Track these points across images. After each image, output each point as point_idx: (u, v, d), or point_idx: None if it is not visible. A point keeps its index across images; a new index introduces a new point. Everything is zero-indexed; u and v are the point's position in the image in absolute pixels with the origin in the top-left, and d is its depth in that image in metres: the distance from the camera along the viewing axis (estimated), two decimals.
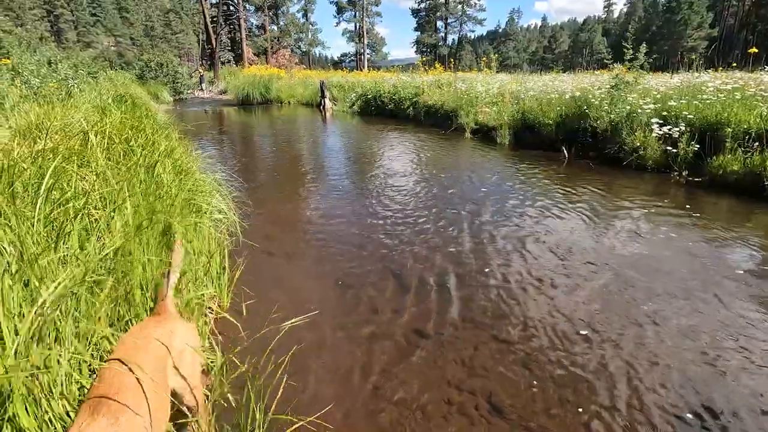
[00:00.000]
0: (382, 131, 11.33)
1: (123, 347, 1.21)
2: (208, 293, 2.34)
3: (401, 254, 3.69)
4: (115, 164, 2.66)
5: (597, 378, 2.22)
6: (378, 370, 2.29)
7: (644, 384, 2.17)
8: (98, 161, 2.49)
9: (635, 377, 2.22)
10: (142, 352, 1.19)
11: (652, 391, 2.12)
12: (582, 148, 7.52)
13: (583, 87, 8.44)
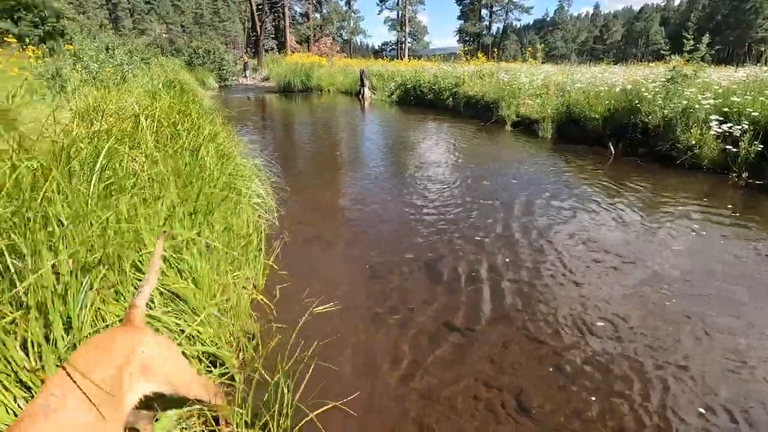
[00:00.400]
0: (420, 121, 11.23)
1: (78, 354, 1.19)
2: (244, 274, 2.42)
3: (433, 244, 3.67)
4: (163, 147, 2.78)
5: (632, 384, 2.12)
6: (405, 360, 2.30)
7: (681, 395, 2.06)
8: (147, 143, 2.61)
9: (672, 384, 2.11)
10: (98, 359, 1.16)
11: (690, 402, 2.01)
12: (630, 145, 7.14)
13: (635, 80, 7.98)
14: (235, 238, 2.50)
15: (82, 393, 1.04)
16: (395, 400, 2.04)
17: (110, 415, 1.09)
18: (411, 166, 6.57)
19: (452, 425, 1.91)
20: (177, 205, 2.05)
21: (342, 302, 2.68)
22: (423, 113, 12.65)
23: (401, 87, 15.57)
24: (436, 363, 2.28)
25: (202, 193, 2.30)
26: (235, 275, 2.24)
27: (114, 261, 1.67)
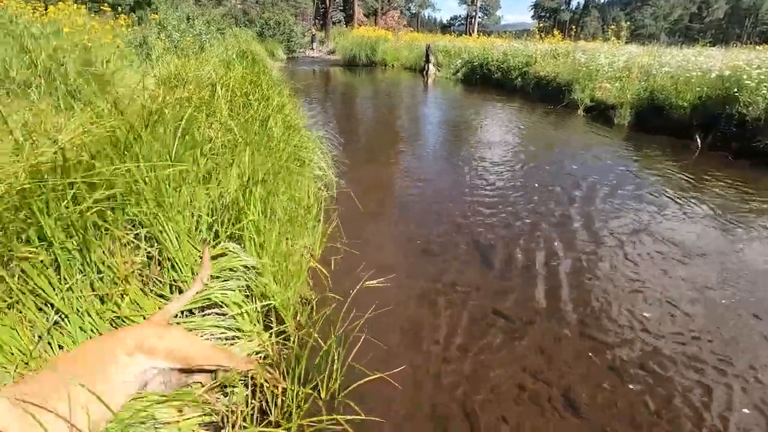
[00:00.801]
0: (485, 101, 10.83)
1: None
2: (303, 243, 2.53)
3: (488, 227, 3.63)
4: (236, 115, 2.93)
5: (691, 389, 1.99)
6: (451, 341, 2.31)
7: (745, 403, 1.90)
8: (222, 111, 2.76)
9: (736, 391, 1.95)
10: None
11: (755, 412, 1.85)
12: (721, 138, 6.42)
13: (736, 65, 7.09)
14: (297, 207, 2.61)
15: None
16: (438, 378, 2.07)
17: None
18: (471, 146, 6.41)
19: (494, 410, 1.91)
20: (248, 173, 2.17)
21: (393, 278, 2.73)
22: (488, 93, 12.17)
23: (467, 64, 15.03)
24: (481, 347, 2.28)
25: (270, 162, 2.40)
26: (295, 242, 2.35)
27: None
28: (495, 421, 1.86)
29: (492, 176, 4.97)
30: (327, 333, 2.04)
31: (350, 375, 1.93)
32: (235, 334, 1.98)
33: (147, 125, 1.98)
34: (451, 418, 1.86)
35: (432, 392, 1.99)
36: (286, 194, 2.45)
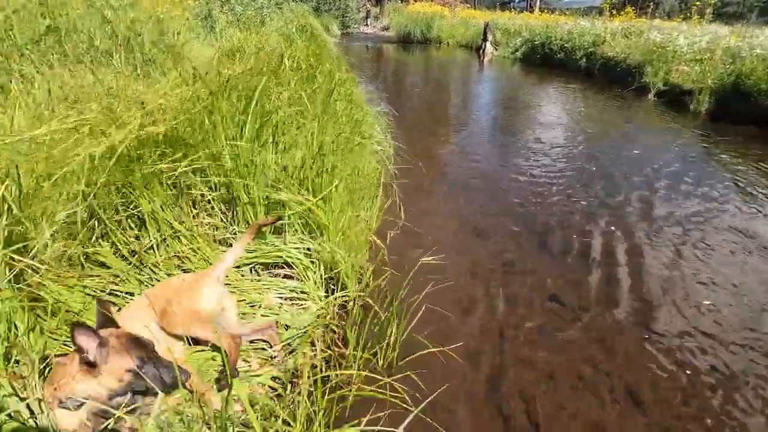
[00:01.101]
0: (545, 83, 10.30)
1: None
2: (363, 215, 2.56)
3: (545, 211, 3.54)
4: (301, 87, 2.97)
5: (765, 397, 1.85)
6: (508, 324, 2.28)
7: None
8: (290, 83, 2.80)
9: None
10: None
11: None
12: None
13: None
14: (359, 180, 2.64)
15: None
16: (494, 358, 2.06)
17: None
18: (528, 128, 6.16)
19: (551, 395, 1.88)
20: (316, 143, 2.21)
21: (448, 255, 2.72)
22: (549, 74, 11.54)
23: (528, 43, 14.28)
24: (538, 332, 2.23)
25: (335, 134, 2.43)
26: (357, 214, 2.39)
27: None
28: (552, 407, 1.83)
29: (548, 158, 4.80)
30: (384, 303, 2.08)
31: (407, 347, 1.96)
32: (299, 296, 2.06)
33: (224, 93, 2.05)
34: (506, 400, 1.85)
35: (488, 372, 1.98)
36: (349, 166, 2.48)
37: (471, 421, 1.76)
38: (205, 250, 1.97)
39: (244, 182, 1.95)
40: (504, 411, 1.81)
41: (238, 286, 2.01)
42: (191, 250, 1.92)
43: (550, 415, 1.80)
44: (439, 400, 1.74)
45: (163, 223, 1.84)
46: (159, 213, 1.83)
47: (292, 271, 2.14)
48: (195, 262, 1.95)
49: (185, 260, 1.94)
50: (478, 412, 1.79)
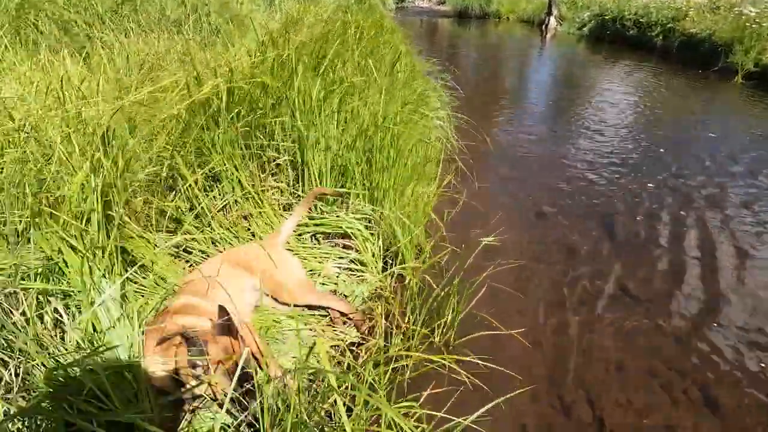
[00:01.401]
0: (614, 62, 9.56)
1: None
2: (422, 191, 2.51)
3: (609, 196, 3.36)
4: (364, 58, 2.91)
5: None
6: (572, 312, 2.18)
7: None
8: (354, 53, 2.76)
9: None
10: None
11: None
12: None
13: None
14: (420, 154, 2.58)
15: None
16: (556, 348, 1.98)
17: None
18: (593, 109, 5.76)
19: (616, 390, 1.78)
20: (381, 114, 2.16)
21: (508, 237, 2.62)
22: (619, 52, 10.69)
23: (596, 18, 13.25)
24: (603, 321, 2.12)
25: (398, 105, 2.37)
26: (417, 188, 2.34)
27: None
28: (618, 403, 1.74)
29: (615, 140, 4.53)
30: (442, 281, 2.04)
31: (465, 326, 1.92)
32: (357, 267, 2.07)
33: (298, 59, 2.05)
34: (568, 390, 1.78)
35: (549, 361, 1.91)
36: (412, 139, 2.42)
37: (530, 407, 1.71)
38: (270, 213, 2.01)
39: (312, 148, 1.95)
40: (565, 401, 1.74)
41: (298, 253, 2.05)
42: (259, 213, 1.96)
43: (615, 409, 1.71)
44: (498, 384, 1.69)
45: (235, 183, 1.89)
46: (233, 173, 1.87)
47: (351, 242, 2.15)
48: (260, 225, 2.00)
49: (252, 222, 1.99)
50: (538, 400, 1.74)
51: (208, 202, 1.83)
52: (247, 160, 1.92)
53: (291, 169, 2.06)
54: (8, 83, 2.23)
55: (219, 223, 1.90)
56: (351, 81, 2.28)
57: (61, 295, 1.27)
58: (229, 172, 1.87)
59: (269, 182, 2.00)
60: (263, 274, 1.68)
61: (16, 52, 2.88)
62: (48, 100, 1.92)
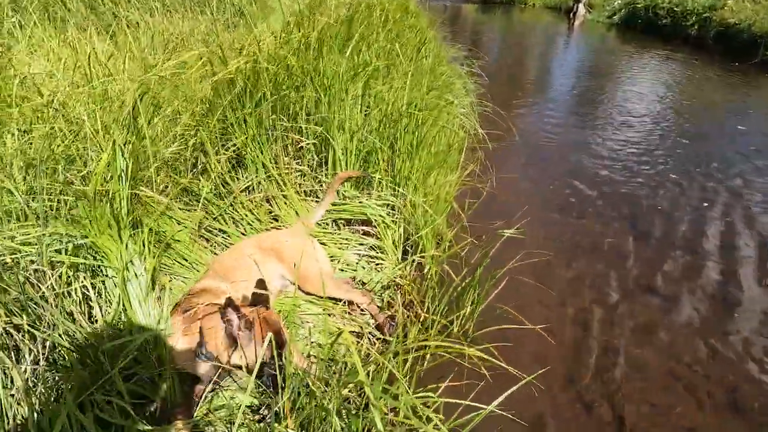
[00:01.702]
0: (645, 52, 9.19)
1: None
2: (444, 180, 2.46)
3: (634, 190, 3.26)
4: (390, 41, 2.85)
5: None
6: (592, 308, 2.13)
7: None
8: (379, 36, 2.70)
9: None
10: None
11: None
12: None
13: None
14: (443, 142, 2.53)
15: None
16: (577, 345, 1.94)
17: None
18: (623, 101, 5.57)
19: (638, 389, 1.74)
20: (405, 99, 2.12)
21: (532, 230, 2.56)
22: (650, 43, 10.27)
23: (628, 6, 12.75)
24: (627, 320, 2.07)
25: (424, 92, 2.32)
26: (439, 177, 2.30)
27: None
28: (639, 401, 1.70)
29: (641, 133, 4.39)
30: (462, 272, 2.00)
31: (485, 318, 1.89)
32: (377, 254, 2.05)
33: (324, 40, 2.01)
34: (589, 388, 1.75)
35: (569, 356, 1.88)
36: (435, 126, 2.37)
37: (549, 403, 1.68)
38: (292, 197, 2.00)
39: (336, 132, 1.92)
40: (585, 397, 1.71)
41: (318, 238, 2.04)
42: (282, 196, 1.96)
43: (637, 410, 1.67)
44: (517, 378, 1.66)
45: (258, 165, 1.88)
46: (257, 155, 1.87)
47: (371, 229, 2.13)
48: (283, 208, 1.99)
49: (274, 205, 1.99)
50: (557, 395, 1.71)
51: (232, 183, 1.83)
52: (271, 142, 1.90)
53: (314, 152, 2.04)
54: (37, 59, 2.25)
55: (242, 204, 1.90)
56: (376, 65, 2.24)
57: (89, 273, 1.28)
58: (253, 154, 1.86)
59: (293, 165, 1.98)
60: (291, 262, 1.69)
61: (44, 28, 2.90)
62: (75, 76, 1.93)
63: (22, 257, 1.11)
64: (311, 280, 1.76)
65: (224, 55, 1.76)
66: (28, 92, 1.90)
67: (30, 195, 1.38)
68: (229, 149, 1.82)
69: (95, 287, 1.27)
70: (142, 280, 1.35)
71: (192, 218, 1.74)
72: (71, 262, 1.17)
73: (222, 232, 1.89)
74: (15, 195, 1.21)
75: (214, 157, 1.76)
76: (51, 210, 1.32)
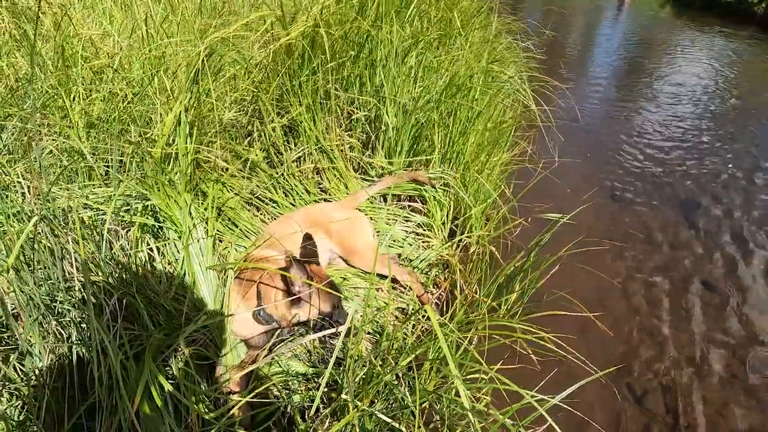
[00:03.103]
0: (704, 30, 8.55)
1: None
2: (496, 159, 2.38)
3: (691, 181, 3.07)
4: (447, 10, 2.71)
5: None
6: (646, 300, 2.05)
7: None
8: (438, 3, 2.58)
9: None
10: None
11: None
12: None
13: None
14: (495, 119, 2.43)
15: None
16: (628, 337, 1.88)
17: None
18: (680, 84, 5.22)
19: (694, 385, 1.68)
20: (461, 72, 2.03)
21: (585, 217, 2.43)
22: (707, 21, 9.52)
23: None
24: (681, 314, 1.99)
25: (479, 65, 2.21)
26: (490, 156, 2.21)
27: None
28: (695, 398, 1.64)
29: (700, 119, 4.11)
30: (510, 254, 1.95)
31: (533, 303, 1.85)
32: (424, 232, 2.02)
33: None
34: (639, 381, 1.69)
35: (622, 347, 1.82)
36: (491, 102, 2.27)
37: (599, 393, 1.64)
38: (342, 170, 1.97)
39: (390, 104, 1.86)
40: (636, 390, 1.66)
41: (367, 213, 2.01)
42: (332, 168, 1.93)
43: (691, 404, 1.61)
44: (566, 366, 1.63)
45: (311, 134, 1.85)
46: (310, 125, 1.83)
47: (421, 206, 2.09)
48: (332, 181, 1.97)
49: (323, 178, 1.97)
50: (608, 386, 1.67)
51: (285, 153, 1.81)
52: (324, 112, 1.86)
53: (366, 124, 1.99)
54: (93, 20, 2.25)
55: (292, 175, 1.89)
56: (432, 35, 2.14)
57: (152, 236, 1.30)
58: (306, 124, 1.83)
59: (344, 138, 1.94)
60: (339, 236, 1.68)
61: None
62: (132, 38, 1.92)
63: (96, 216, 1.13)
64: (358, 255, 1.76)
65: (285, 19, 1.71)
66: (87, 53, 1.90)
67: (93, 155, 1.40)
68: (283, 117, 1.79)
69: (159, 249, 1.29)
70: (202, 245, 1.36)
71: (245, 186, 1.74)
72: (140, 222, 1.18)
73: (272, 202, 1.89)
74: (85, 155, 1.23)
75: (270, 125, 1.74)
76: (118, 171, 1.34)
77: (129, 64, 1.79)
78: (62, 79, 1.61)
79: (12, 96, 1.58)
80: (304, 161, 1.90)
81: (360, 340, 1.17)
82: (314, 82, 1.75)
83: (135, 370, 0.95)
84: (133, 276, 1.08)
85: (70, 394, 1.01)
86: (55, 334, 0.98)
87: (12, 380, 0.97)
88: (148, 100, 1.54)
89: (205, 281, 1.27)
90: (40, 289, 0.96)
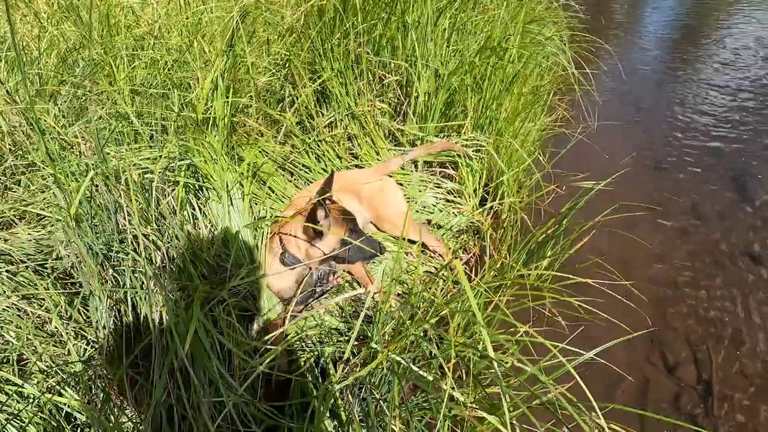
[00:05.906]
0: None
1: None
2: (533, 123, 2.31)
3: (738, 152, 2.87)
4: None
5: None
6: (685, 274, 1.98)
7: None
8: None
9: None
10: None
11: None
12: None
13: None
14: (532, 83, 2.35)
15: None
16: (660, 305, 1.84)
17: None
18: (734, 55, 4.79)
19: (728, 357, 1.64)
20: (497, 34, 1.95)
21: (624, 186, 2.34)
22: None
23: None
24: (719, 287, 1.92)
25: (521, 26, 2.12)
26: (526, 122, 2.15)
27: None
28: (729, 370, 1.60)
29: (750, 84, 3.79)
30: (541, 221, 1.92)
31: (564, 270, 1.82)
32: (455, 198, 2.02)
33: None
34: (671, 350, 1.67)
35: (655, 317, 1.78)
36: (527, 66, 2.18)
37: (629, 359, 1.64)
38: (374, 135, 1.98)
39: (423, 67, 1.84)
40: (668, 359, 1.64)
41: (397, 180, 2.03)
42: (364, 134, 1.94)
43: (725, 376, 1.58)
44: (597, 332, 1.62)
45: (342, 99, 1.87)
46: (341, 90, 1.84)
47: (451, 172, 2.08)
48: (364, 147, 1.99)
49: (355, 144, 1.98)
50: (638, 354, 1.66)
51: (317, 118, 1.84)
52: (356, 75, 1.86)
53: (398, 89, 1.97)
54: None
55: (324, 140, 1.92)
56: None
57: (194, 196, 1.38)
58: (339, 89, 1.84)
59: (375, 103, 1.94)
60: (370, 201, 1.71)
61: None
62: (171, 5, 1.96)
63: (144, 175, 1.21)
64: (389, 220, 1.79)
65: None
66: (128, 20, 1.97)
67: (139, 119, 1.48)
68: (315, 81, 1.81)
69: (201, 209, 1.36)
70: (239, 205, 1.43)
71: (279, 150, 1.79)
72: (185, 182, 1.26)
73: (304, 167, 1.93)
74: (132, 120, 1.30)
75: (302, 90, 1.76)
76: (160, 134, 1.41)
77: (168, 32, 1.84)
78: (108, 48, 1.68)
79: (63, 63, 1.67)
80: (336, 127, 1.92)
81: (389, 297, 1.21)
82: (345, 45, 1.74)
83: (185, 317, 1.04)
84: (179, 231, 1.16)
85: (127, 336, 1.12)
86: (112, 281, 1.09)
87: (77, 321, 1.08)
88: (187, 66, 1.59)
89: (243, 238, 1.34)
90: (98, 239, 1.06)
